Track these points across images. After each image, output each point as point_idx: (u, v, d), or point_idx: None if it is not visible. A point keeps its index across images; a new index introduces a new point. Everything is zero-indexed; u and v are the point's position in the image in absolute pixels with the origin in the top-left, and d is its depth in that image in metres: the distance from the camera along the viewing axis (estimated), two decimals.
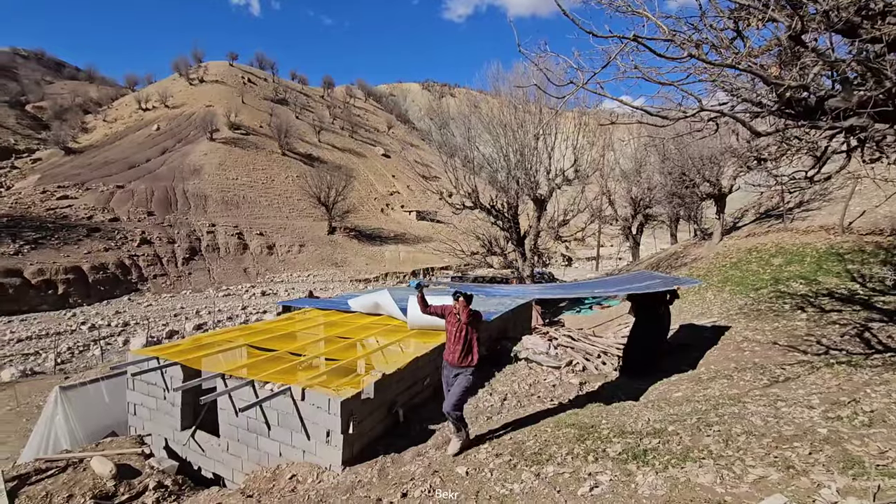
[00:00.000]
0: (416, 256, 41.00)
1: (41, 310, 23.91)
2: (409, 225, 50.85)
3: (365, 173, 59.59)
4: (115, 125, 55.97)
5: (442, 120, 14.30)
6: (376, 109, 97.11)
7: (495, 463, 3.56)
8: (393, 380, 5.56)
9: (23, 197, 34.31)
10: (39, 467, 5.36)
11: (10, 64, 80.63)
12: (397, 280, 35.31)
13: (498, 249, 12.89)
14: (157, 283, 29.41)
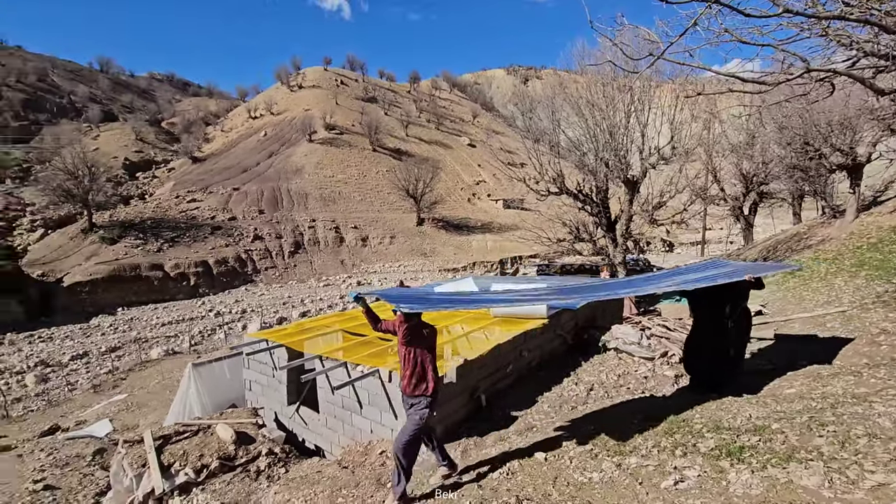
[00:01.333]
0: (503, 245, 40.80)
1: (178, 299, 27.74)
2: (496, 214, 50.68)
3: (451, 164, 60.37)
4: (230, 134, 62.61)
5: (526, 104, 13.96)
6: (461, 100, 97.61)
7: (576, 451, 3.49)
8: (475, 365, 5.66)
9: (161, 202, 39.91)
10: (178, 430, 6.29)
11: (148, 87, 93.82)
12: (484, 269, 35.48)
13: (586, 236, 12.38)
14: (268, 275, 32.62)
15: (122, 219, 34.45)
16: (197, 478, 5.21)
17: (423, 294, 4.44)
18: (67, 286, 25.60)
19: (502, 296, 5.37)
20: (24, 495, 6.20)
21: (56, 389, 15.68)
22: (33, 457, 8.25)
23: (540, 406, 5.64)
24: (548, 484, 3.09)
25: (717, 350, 5.05)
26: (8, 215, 37.58)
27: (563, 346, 7.80)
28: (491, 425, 5.27)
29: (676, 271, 7.23)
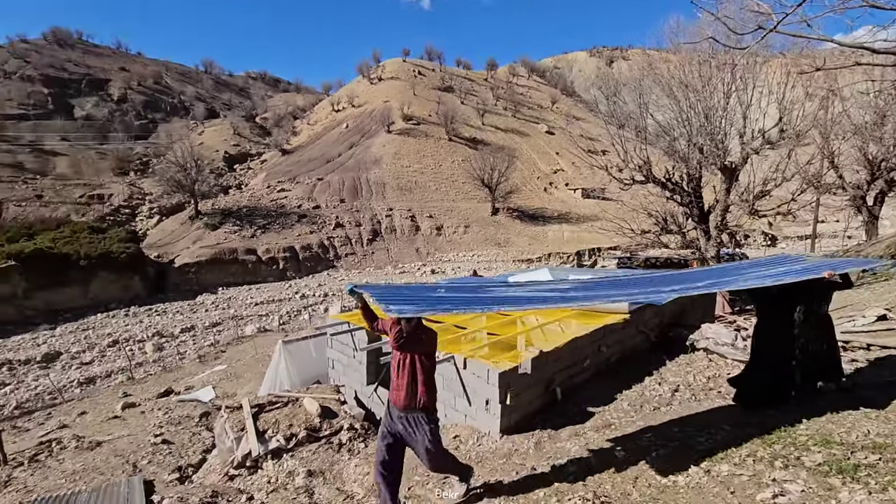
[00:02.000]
0: (581, 236, 39.41)
1: (268, 281, 30.09)
2: (574, 203, 48.99)
3: (528, 152, 59.18)
4: (315, 127, 66.22)
5: (611, 87, 13.27)
6: (539, 85, 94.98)
7: (659, 453, 3.31)
8: (550, 358, 5.55)
9: (255, 191, 43.33)
10: (271, 400, 6.87)
11: (245, 86, 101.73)
12: (560, 261, 34.55)
13: (675, 227, 11.56)
14: (347, 261, 34.32)
15: (222, 207, 37.93)
16: (287, 445, 5.66)
17: (423, 293, 3.72)
18: (178, 267, 28.78)
19: (534, 292, 4.33)
20: (148, 446, 7.12)
21: (169, 357, 17.78)
22: (153, 414, 9.44)
23: (619, 404, 5.41)
24: (627, 483, 2.97)
25: (777, 361, 4.16)
26: (132, 203, 42.94)
27: (645, 343, 7.40)
28: (566, 419, 5.15)
29: (740, 266, 5.67)
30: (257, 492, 4.70)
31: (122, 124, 60.64)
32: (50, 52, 72.93)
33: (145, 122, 65.52)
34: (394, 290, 3.65)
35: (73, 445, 7.78)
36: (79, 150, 50.65)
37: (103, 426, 9.33)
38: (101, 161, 49.94)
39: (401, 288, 4.29)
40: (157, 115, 69.68)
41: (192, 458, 6.81)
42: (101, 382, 15.83)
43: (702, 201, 10.80)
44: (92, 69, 72.33)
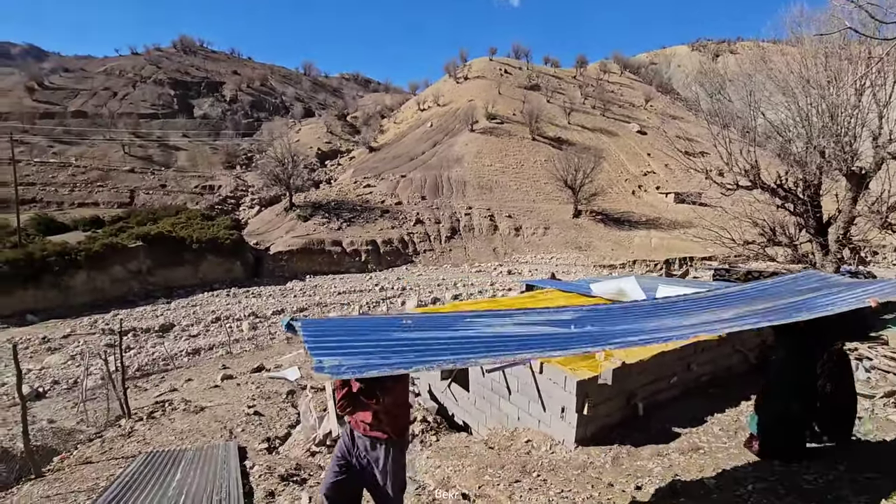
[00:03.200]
0: (671, 244, 36.80)
1: (351, 272, 31.62)
2: (665, 208, 45.89)
3: (616, 153, 56.44)
4: (401, 125, 68.38)
5: (715, 84, 12.25)
6: (633, 83, 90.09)
7: (756, 486, 3.00)
8: (634, 370, 5.26)
9: (343, 186, 45.71)
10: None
11: (338, 86, 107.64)
12: (646, 269, 32.55)
13: (784, 239, 10.38)
14: (425, 257, 35.06)
15: (313, 200, 40.49)
16: None
17: (379, 332, 2.78)
18: (272, 254, 31.21)
19: (532, 326, 3.27)
20: (242, 415, 7.82)
21: (261, 336, 19.36)
22: (247, 387, 10.34)
23: (709, 427, 4.99)
24: None
25: (797, 405, 3.45)
26: (236, 194, 47.33)
27: (743, 364, 6.76)
28: (647, 437, 4.85)
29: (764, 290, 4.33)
30: None
31: (232, 122, 66.99)
32: (177, 58, 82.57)
33: (251, 120, 71.81)
34: (335, 330, 2.70)
35: (182, 408, 8.77)
36: (196, 146, 56.84)
37: (205, 393, 10.40)
38: (213, 155, 55.61)
39: (349, 322, 3.24)
40: (261, 114, 76.09)
41: (279, 430, 7.37)
42: (204, 354, 17.64)
43: (820, 211, 9.59)
44: (210, 73, 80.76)
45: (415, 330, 2.82)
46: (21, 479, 6.29)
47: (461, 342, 2.81)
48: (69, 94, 61.49)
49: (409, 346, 2.55)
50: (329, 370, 2.10)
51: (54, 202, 38.60)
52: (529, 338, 2.95)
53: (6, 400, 12.01)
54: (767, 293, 4.15)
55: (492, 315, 3.44)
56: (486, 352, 2.67)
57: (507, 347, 2.78)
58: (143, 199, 42.20)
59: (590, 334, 3.05)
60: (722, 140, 10.34)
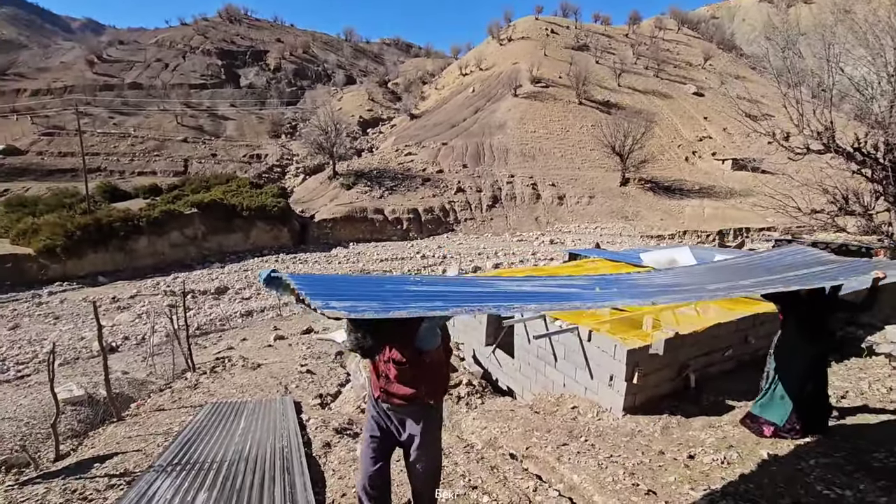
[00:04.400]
0: (726, 213, 34.88)
1: (392, 240, 32.06)
2: (720, 176, 43.31)
3: (669, 117, 53.34)
4: (443, 91, 67.18)
5: (786, 38, 11.23)
6: (690, 40, 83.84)
7: (818, 461, 2.89)
8: (687, 341, 5.11)
9: (384, 154, 45.84)
10: None
11: (379, 52, 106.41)
12: (698, 239, 31.15)
13: (858, 208, 9.60)
14: (466, 226, 34.97)
15: (355, 169, 40.94)
16: None
17: (376, 288, 2.41)
18: (317, 222, 32.05)
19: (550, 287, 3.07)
20: (295, 373, 8.26)
21: None
22: (298, 348, 10.86)
23: None
24: (776, 485, 2.65)
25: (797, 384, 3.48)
26: (282, 163, 48.51)
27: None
28: (698, 409, 4.76)
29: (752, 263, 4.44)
30: None
31: (277, 91, 67.96)
32: (223, 27, 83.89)
33: (295, 88, 72.58)
34: (338, 283, 2.45)
35: (240, 364, 9.35)
36: (243, 115, 58.28)
37: (260, 352, 11.03)
38: (259, 125, 56.93)
39: (353, 278, 2.96)
40: (304, 82, 76.69)
41: (330, 388, 7.75)
42: (256, 316, 18.60)
43: None
44: (254, 41, 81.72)
45: (428, 285, 2.54)
46: (105, 421, 6.97)
47: (485, 295, 2.58)
48: (125, 66, 64.09)
49: (429, 296, 2.26)
50: (342, 309, 1.74)
51: (117, 171, 40.98)
52: (547, 293, 2.79)
53: (86, 352, 13.20)
54: (783, 262, 4.08)
55: (510, 279, 3.32)
56: (507, 301, 2.44)
57: (524, 300, 2.56)
58: (196, 168, 44.02)
59: (610, 293, 2.93)
60: (791, 100, 9.54)
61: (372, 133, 58.33)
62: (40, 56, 76.43)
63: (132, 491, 3.14)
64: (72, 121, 38.99)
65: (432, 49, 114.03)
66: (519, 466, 3.57)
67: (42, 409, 7.13)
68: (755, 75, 65.34)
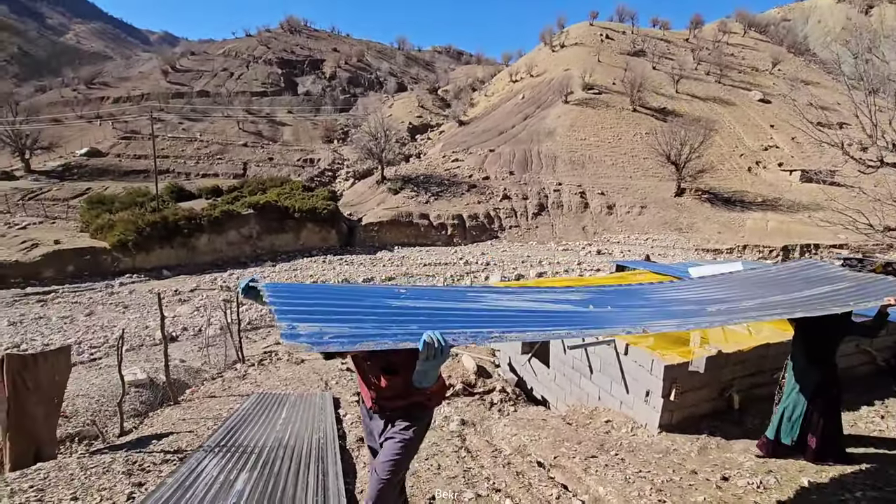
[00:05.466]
0: (792, 228, 32.67)
1: (437, 245, 32.38)
2: (787, 188, 40.64)
3: (730, 125, 50.75)
4: (492, 98, 67.29)
5: (864, 41, 10.54)
6: (758, 44, 79.44)
7: (866, 493, 2.72)
8: (731, 360, 4.90)
9: (432, 160, 46.45)
10: None
11: (431, 60, 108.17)
12: (759, 255, 29.38)
13: None
14: (511, 233, 34.76)
15: (403, 174, 41.75)
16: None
17: (355, 303, 2.22)
18: (364, 225, 32.93)
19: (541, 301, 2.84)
20: (336, 370, 8.54)
21: None
22: None
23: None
24: None
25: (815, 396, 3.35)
26: (333, 167, 50.24)
27: (869, 366, 5.98)
28: (741, 431, 4.54)
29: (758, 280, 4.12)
30: None
31: (331, 98, 70.62)
32: (284, 38, 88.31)
33: (348, 96, 75.10)
34: (313, 294, 2.28)
35: (286, 359, 9.80)
36: (299, 122, 60.96)
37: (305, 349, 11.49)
38: (313, 130, 59.32)
39: (332, 288, 2.76)
40: (357, 89, 79.21)
41: None
42: None
43: None
44: (312, 51, 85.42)
45: (412, 299, 2.37)
46: (163, 403, 7.53)
47: (469, 316, 2.39)
48: (195, 75, 68.76)
49: (410, 316, 2.07)
50: (307, 338, 1.59)
51: (183, 173, 43.96)
52: (536, 313, 2.59)
53: (149, 340, 14.27)
54: (787, 279, 3.90)
55: (503, 292, 3.14)
56: (490, 326, 2.20)
57: (508, 324, 2.36)
58: (254, 171, 46.41)
59: (607, 315, 2.71)
60: (866, 108, 8.91)
61: (420, 139, 59.28)
62: (122, 67, 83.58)
63: (183, 466, 3.42)
64: (146, 126, 42.24)
65: (483, 56, 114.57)
66: (545, 474, 3.57)
67: (110, 390, 7.80)
68: (829, 81, 61.03)
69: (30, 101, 56.38)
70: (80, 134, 48.71)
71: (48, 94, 63.47)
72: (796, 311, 2.89)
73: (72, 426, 6.50)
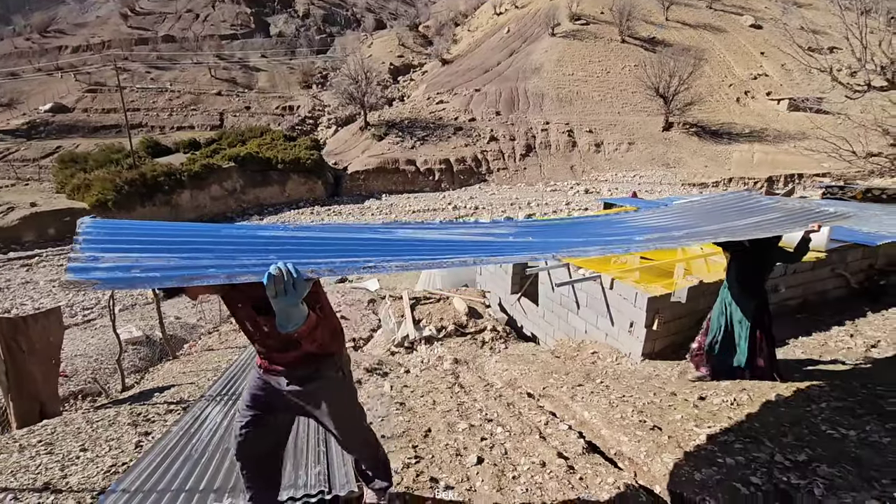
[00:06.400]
0: (778, 159, 32.72)
1: (424, 191, 32.06)
2: (774, 118, 40.26)
3: (720, 53, 49.28)
4: (475, 33, 64.15)
5: None
6: None
7: (829, 405, 2.93)
8: (711, 289, 5.06)
9: (416, 103, 44.91)
10: (426, 296, 7.69)
11: None
12: (744, 187, 29.63)
13: None
14: (499, 176, 34.43)
15: (386, 119, 40.48)
16: (437, 334, 6.41)
17: (234, 234, 1.81)
18: (350, 174, 32.32)
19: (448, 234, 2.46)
20: None
21: None
22: (334, 295, 11.36)
23: (790, 349, 4.80)
24: (781, 425, 2.73)
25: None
26: (314, 114, 48.44)
27: (841, 289, 6.23)
28: None
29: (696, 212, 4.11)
30: (412, 367, 5.50)
31: (306, 39, 66.77)
32: None
33: (324, 36, 71.04)
34: (150, 229, 1.67)
35: None
36: (274, 66, 57.92)
37: None
38: (290, 75, 56.55)
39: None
40: (333, 28, 74.84)
41: (363, 333, 8.18)
42: None
43: None
44: None
45: (298, 231, 1.97)
46: (162, 359, 7.69)
47: (354, 243, 2.06)
48: (157, 18, 64.18)
49: (275, 246, 1.70)
50: (104, 272, 1.21)
51: (157, 126, 42.15)
52: (445, 243, 2.27)
53: (142, 299, 14.30)
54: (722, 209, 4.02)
55: (425, 227, 2.71)
56: (386, 255, 1.88)
57: (420, 252, 2.05)
58: (231, 121, 44.66)
59: (529, 244, 2.52)
60: (857, 30, 8.67)
61: (403, 80, 56.93)
62: (77, 11, 77.52)
63: (188, 415, 3.55)
64: (111, 77, 39.97)
65: None
66: (534, 404, 3.77)
67: (108, 348, 7.91)
68: (823, 1, 58.77)
69: None
70: (42, 88, 45.99)
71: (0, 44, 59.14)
72: (720, 236, 3.00)
73: (73, 384, 6.65)
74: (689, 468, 2.35)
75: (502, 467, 2.57)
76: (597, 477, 2.44)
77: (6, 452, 2.79)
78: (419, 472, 2.48)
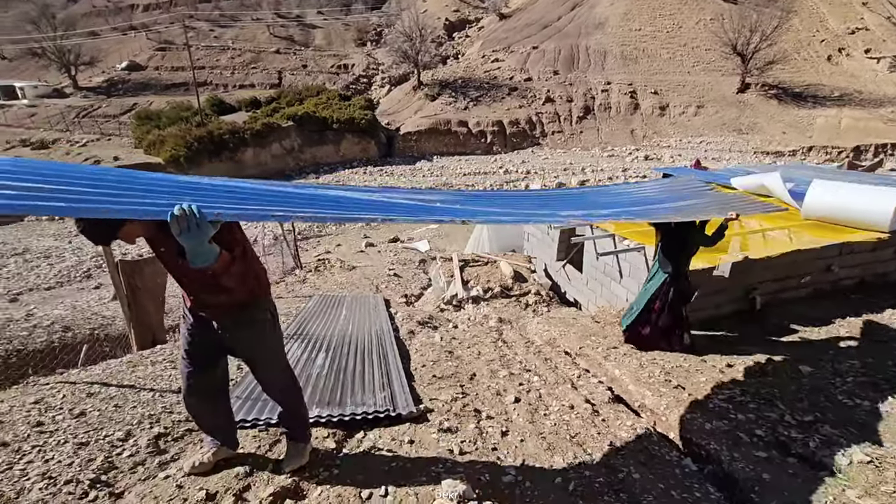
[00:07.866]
0: (869, 126, 29.61)
1: (476, 153, 31.92)
2: (871, 78, 36.06)
3: (813, 4, 44.19)
4: None
5: None
6: None
7: (854, 380, 3.10)
8: (758, 265, 5.13)
9: (470, 62, 43.91)
10: (474, 258, 8.11)
11: None
12: (826, 156, 27.29)
13: None
14: (553, 139, 33.56)
15: (440, 78, 40.00)
16: (484, 295, 6.85)
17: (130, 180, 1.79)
18: (402, 135, 32.63)
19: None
20: (384, 276, 9.38)
21: None
22: (386, 254, 12.05)
23: (834, 328, 4.83)
24: (799, 392, 2.96)
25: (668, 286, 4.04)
26: (368, 73, 48.58)
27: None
28: (762, 330, 4.91)
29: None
30: (460, 323, 6.00)
31: None
32: None
33: None
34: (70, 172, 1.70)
35: (338, 265, 10.72)
36: (330, 23, 58.08)
37: (354, 256, 12.42)
38: (345, 32, 56.58)
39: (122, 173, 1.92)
40: None
41: (414, 290, 8.78)
42: (348, 225, 20.34)
43: None
44: None
45: (216, 180, 2.04)
46: None
47: (270, 194, 2.10)
48: None
49: (190, 191, 1.77)
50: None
51: (220, 84, 43.95)
52: (373, 203, 2.37)
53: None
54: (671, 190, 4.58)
55: (349, 188, 2.95)
56: (300, 207, 2.01)
57: (336, 208, 2.15)
58: (289, 80, 45.73)
59: (451, 209, 2.63)
60: None
61: (458, 37, 55.52)
62: None
63: None
64: (179, 35, 41.78)
65: None
66: (570, 361, 4.15)
67: None
68: None
69: (65, 13, 56.14)
70: (118, 46, 48.84)
71: (79, 4, 62.73)
72: (649, 217, 3.60)
73: (171, 319, 7.69)
74: (702, 420, 2.67)
75: (536, 406, 3.00)
76: (618, 420, 2.81)
77: (142, 366, 3.53)
78: (465, 405, 2.96)
